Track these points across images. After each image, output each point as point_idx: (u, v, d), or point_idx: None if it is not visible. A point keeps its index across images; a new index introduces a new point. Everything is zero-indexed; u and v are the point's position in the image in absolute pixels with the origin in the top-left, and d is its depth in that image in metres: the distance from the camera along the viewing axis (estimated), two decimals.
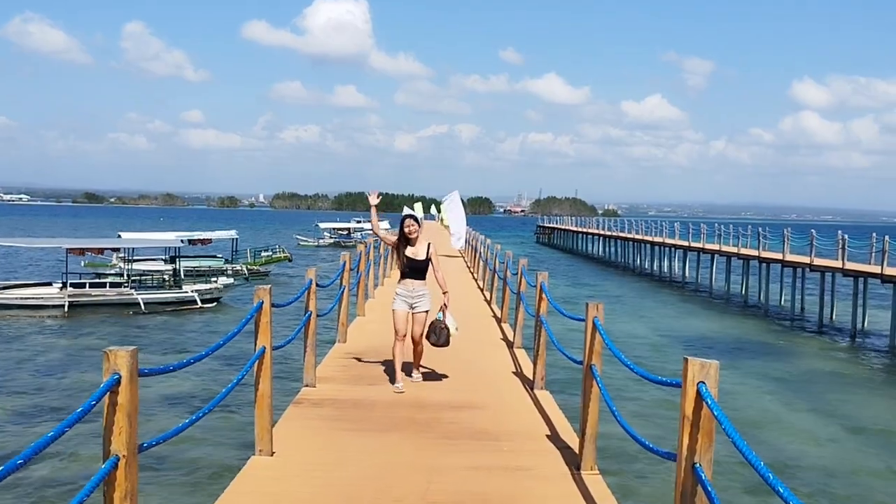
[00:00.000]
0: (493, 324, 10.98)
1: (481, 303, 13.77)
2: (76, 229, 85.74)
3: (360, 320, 10.67)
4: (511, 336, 9.42)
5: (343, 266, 8.65)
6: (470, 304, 13.34)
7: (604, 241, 58.49)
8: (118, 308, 25.20)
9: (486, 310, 12.64)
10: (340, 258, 8.82)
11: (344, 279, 8.77)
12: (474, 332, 10.13)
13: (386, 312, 9.93)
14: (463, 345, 8.93)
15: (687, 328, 24.38)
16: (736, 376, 17.25)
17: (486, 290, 15.30)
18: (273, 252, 39.38)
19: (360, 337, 9.22)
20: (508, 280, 10.88)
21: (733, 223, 42.50)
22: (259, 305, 5.09)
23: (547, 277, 6.89)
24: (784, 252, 27.87)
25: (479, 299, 14.27)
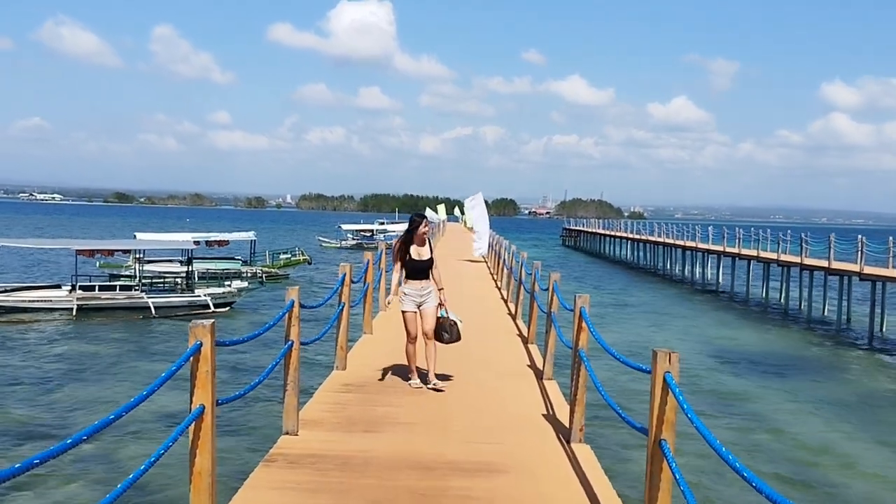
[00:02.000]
0: (517, 345, 9.61)
1: (505, 317, 12.41)
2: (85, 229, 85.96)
3: (367, 340, 9.39)
4: (540, 363, 8.08)
5: (342, 280, 7.39)
6: (492, 318, 12.01)
7: (632, 244, 56.71)
8: (128, 312, 24.31)
9: (510, 326, 11.28)
10: (339, 269, 7.55)
11: (343, 294, 7.50)
12: (496, 354, 8.82)
13: (398, 329, 8.75)
14: (483, 373, 7.62)
15: (726, 340, 22.78)
16: (785, 398, 15.71)
17: (512, 301, 13.95)
18: (292, 254, 38.33)
19: (364, 362, 7.93)
20: (537, 294, 9.53)
21: (763, 227, 40.68)
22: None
23: (588, 302, 5.56)
24: (829, 259, 26.08)
25: (503, 313, 12.92)
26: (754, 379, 17.34)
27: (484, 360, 8.28)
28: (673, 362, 3.61)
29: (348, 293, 7.51)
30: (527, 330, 9.96)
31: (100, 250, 25.43)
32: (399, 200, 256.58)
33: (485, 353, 8.80)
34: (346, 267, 7.52)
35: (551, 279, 7.31)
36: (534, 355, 8.73)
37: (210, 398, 3.59)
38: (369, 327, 9.80)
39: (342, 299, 7.45)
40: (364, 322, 9.80)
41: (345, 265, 7.54)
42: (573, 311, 5.51)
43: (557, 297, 7.12)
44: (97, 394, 14.42)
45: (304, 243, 71.22)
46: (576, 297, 5.43)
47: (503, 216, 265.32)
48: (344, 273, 7.43)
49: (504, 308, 13.45)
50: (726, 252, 36.10)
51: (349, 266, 7.55)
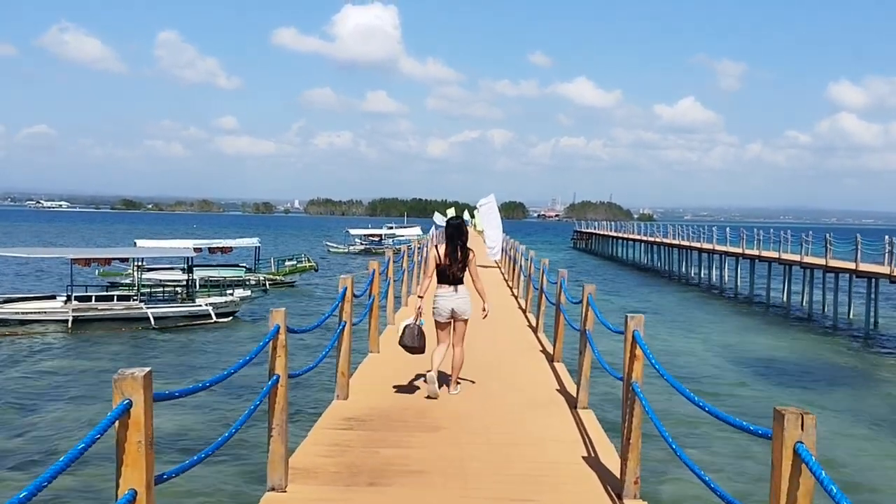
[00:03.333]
0: (542, 364, 8.48)
1: (524, 330, 11.36)
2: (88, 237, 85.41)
3: (372, 361, 8.36)
4: (571, 388, 7.03)
5: (342, 295, 6.37)
6: (512, 332, 10.91)
7: (646, 247, 55.51)
8: (126, 323, 23.41)
9: (532, 340, 10.20)
10: (339, 283, 6.52)
11: (344, 311, 6.47)
12: (520, 376, 7.78)
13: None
14: (507, 400, 6.58)
15: (750, 347, 21.64)
16: (820, 413, 14.59)
17: (531, 312, 12.91)
18: (297, 261, 37.35)
19: (369, 388, 6.91)
20: (563, 307, 8.49)
21: (772, 227, 39.51)
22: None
23: (643, 324, 4.52)
24: (857, 260, 24.89)
25: (522, 324, 11.87)
26: (790, 392, 16.21)
27: (507, 384, 7.26)
28: (807, 428, 2.62)
29: (350, 310, 6.49)
30: (552, 346, 8.91)
31: (96, 259, 24.55)
32: (407, 204, 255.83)
33: (507, 374, 7.77)
34: (346, 280, 6.50)
35: (585, 292, 6.27)
36: (562, 377, 7.67)
37: (143, 478, 2.54)
38: (375, 345, 8.76)
39: (343, 317, 6.43)
40: (370, 340, 8.77)
41: (345, 278, 6.52)
42: (623, 334, 4.48)
43: (594, 312, 6.08)
44: (85, 415, 13.47)
45: (312, 249, 70.43)
46: (627, 318, 4.40)
47: (512, 219, 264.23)
48: (345, 287, 6.41)
49: (523, 319, 12.39)
50: (745, 254, 34.91)
51: (350, 279, 6.53)
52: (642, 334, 4.36)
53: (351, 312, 6.51)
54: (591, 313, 6.26)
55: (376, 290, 8.52)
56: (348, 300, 6.45)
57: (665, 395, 12.66)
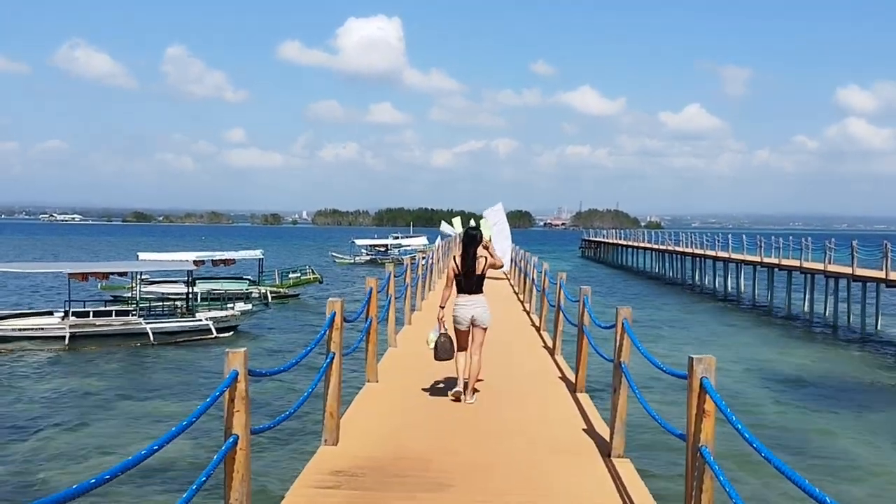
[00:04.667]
0: (564, 397, 7.49)
1: (540, 352, 10.35)
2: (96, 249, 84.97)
3: (370, 393, 7.38)
4: (602, 430, 6.03)
5: (329, 321, 5.39)
6: (527, 357, 9.81)
7: (656, 255, 54.36)
8: (125, 339, 22.57)
9: (549, 366, 9.16)
10: (327, 307, 5.54)
11: (333, 341, 5.49)
12: (542, 414, 6.78)
13: (407, 373, 6.79)
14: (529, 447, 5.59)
15: (780, 363, 20.51)
16: (861, 431, 13.52)
17: (546, 330, 11.90)
18: (302, 273, 36.45)
19: (364, 428, 5.94)
20: (587, 330, 7.50)
21: (783, 234, 38.37)
22: None
23: (714, 368, 3.54)
24: (886, 269, 23.72)
25: (537, 345, 10.86)
26: (824, 411, 15.12)
27: (525, 422, 6.26)
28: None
29: (339, 339, 5.53)
30: (573, 375, 7.91)
31: (93, 273, 23.71)
32: (414, 214, 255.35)
33: (524, 409, 6.79)
34: (335, 304, 5.51)
35: (620, 316, 5.30)
36: (589, 414, 6.65)
37: None
38: (373, 375, 7.79)
39: (331, 348, 5.48)
40: (367, 368, 7.79)
41: (334, 301, 5.54)
42: (687, 379, 3.49)
43: (633, 341, 5.11)
44: (80, 441, 12.58)
45: (318, 259, 69.58)
46: (692, 361, 3.42)
47: (518, 228, 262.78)
48: (333, 312, 5.46)
49: (536, 338, 11.37)
50: (764, 263, 33.72)
51: (340, 303, 5.54)
52: (713, 382, 3.40)
53: (341, 342, 5.55)
54: (627, 342, 5.30)
55: (374, 311, 7.56)
56: (337, 327, 5.49)
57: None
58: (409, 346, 10.05)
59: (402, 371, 8.45)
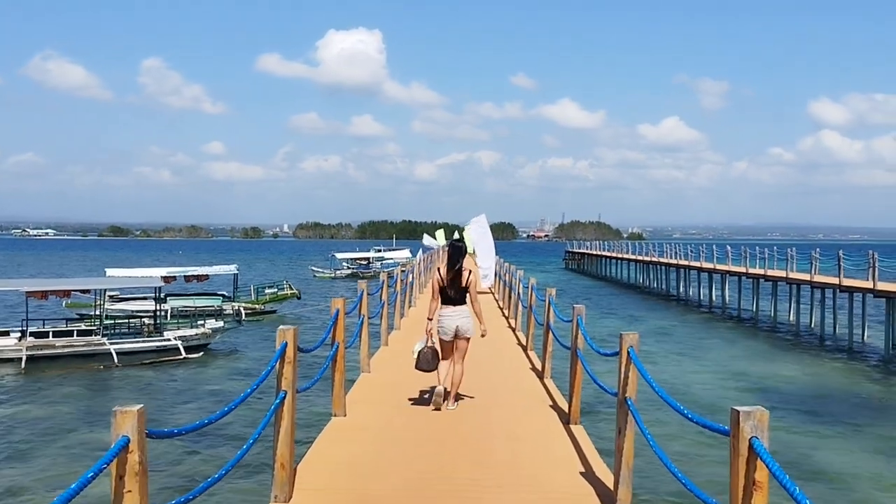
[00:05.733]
0: (557, 431, 6.58)
1: (528, 374, 9.48)
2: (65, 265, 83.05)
3: (335, 430, 6.43)
4: (601, 473, 5.17)
5: (280, 353, 4.46)
6: (515, 381, 8.95)
7: (642, 267, 53.84)
8: (87, 360, 21.39)
9: (539, 392, 8.25)
10: (277, 336, 4.62)
11: (284, 376, 4.56)
12: (532, 451, 5.91)
13: (381, 417, 5.95)
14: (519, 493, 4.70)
15: (767, 375, 19.83)
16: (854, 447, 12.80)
17: (533, 350, 11.03)
18: (279, 288, 35.32)
19: (325, 486, 5.01)
20: (581, 354, 6.62)
21: (762, 244, 37.97)
22: None
23: (766, 425, 2.69)
24: (873, 280, 23.18)
25: (525, 368, 9.98)
26: (822, 426, 14.39)
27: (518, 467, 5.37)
28: None
29: (292, 375, 4.60)
30: (566, 403, 7.02)
31: (53, 291, 22.52)
32: (397, 227, 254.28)
33: (516, 448, 5.89)
34: (287, 333, 4.60)
35: (625, 344, 4.45)
36: (586, 452, 5.77)
37: None
38: (341, 408, 6.83)
39: (282, 385, 4.55)
40: (333, 401, 6.84)
41: (285, 330, 4.61)
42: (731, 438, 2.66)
43: (642, 375, 4.26)
44: (23, 475, 11.49)
45: (298, 273, 68.28)
46: (738, 416, 2.60)
47: (502, 240, 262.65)
48: (284, 343, 4.54)
49: (524, 360, 10.47)
50: (749, 273, 33.18)
51: (292, 332, 4.62)
52: (766, 442, 2.53)
53: (293, 378, 4.64)
54: (634, 374, 4.44)
55: (341, 336, 6.64)
56: (289, 361, 4.58)
57: None
58: (385, 372, 9.13)
59: (376, 402, 7.52)
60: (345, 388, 6.88)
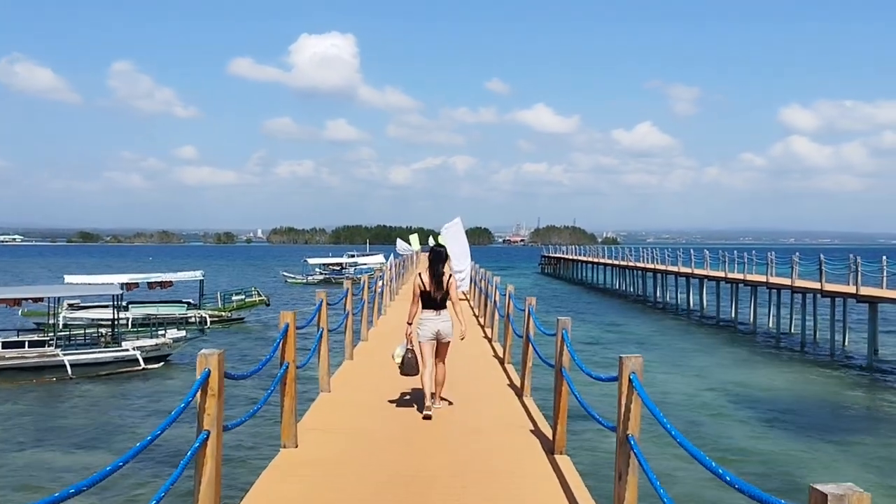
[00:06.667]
0: (539, 459, 5.84)
1: (505, 391, 8.63)
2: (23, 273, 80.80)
3: (286, 460, 5.56)
4: None
5: (201, 383, 3.56)
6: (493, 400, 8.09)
7: (616, 271, 53.41)
8: (40, 373, 20.16)
9: (519, 415, 7.38)
10: (199, 364, 3.73)
11: (206, 412, 3.66)
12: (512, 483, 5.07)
13: (342, 441, 5.19)
14: None
15: (750, 384, 19.22)
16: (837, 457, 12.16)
17: (510, 364, 10.17)
18: (247, 295, 34.13)
19: None
20: (566, 374, 5.78)
21: (735, 249, 37.68)
22: None
23: None
24: (857, 284, 22.74)
25: (502, 384, 9.12)
26: (811, 440, 13.74)
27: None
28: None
29: (217, 412, 3.70)
30: (550, 429, 6.17)
31: (2, 300, 21.22)
32: (371, 231, 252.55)
33: (493, 484, 5.04)
34: (210, 359, 3.71)
35: (625, 369, 3.63)
36: (573, 489, 4.94)
37: None
38: (290, 437, 5.91)
39: (204, 426, 3.64)
40: (282, 429, 5.90)
41: (207, 356, 3.72)
42: None
43: (646, 405, 3.44)
44: None
45: (270, 279, 66.86)
46: None
47: (478, 245, 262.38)
48: (206, 370, 3.63)
49: (501, 375, 9.59)
50: (728, 278, 32.74)
51: (216, 357, 3.73)
52: None
53: (219, 415, 3.73)
54: (637, 406, 3.62)
55: (291, 356, 5.73)
56: (213, 393, 3.69)
57: None
58: (349, 391, 8.22)
59: (334, 429, 6.61)
60: (297, 415, 5.96)
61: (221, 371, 3.79)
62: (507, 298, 10.53)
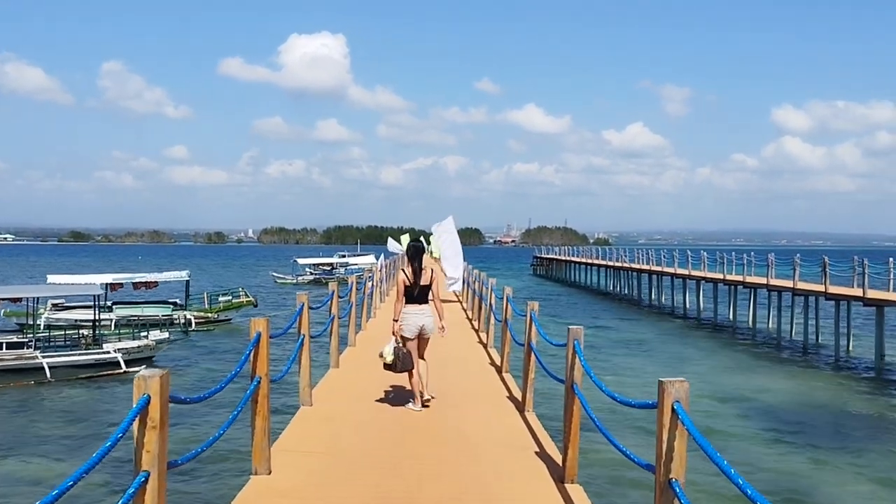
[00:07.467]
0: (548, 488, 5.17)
1: (503, 403, 7.93)
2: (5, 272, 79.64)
3: (257, 489, 4.84)
4: None
5: (138, 410, 2.86)
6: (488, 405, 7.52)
7: (610, 272, 52.79)
8: (17, 376, 19.33)
9: (518, 427, 6.75)
10: (136, 387, 3.02)
11: (145, 449, 2.93)
12: None
13: (321, 466, 4.53)
14: None
15: (753, 389, 18.57)
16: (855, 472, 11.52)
17: (507, 372, 9.45)
18: (234, 296, 33.31)
19: None
20: (578, 389, 5.07)
21: (726, 250, 37.19)
22: None
23: None
24: (864, 287, 22.11)
25: (501, 395, 8.41)
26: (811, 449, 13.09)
27: None
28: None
29: (158, 447, 2.97)
30: (559, 455, 5.45)
31: None
32: (363, 232, 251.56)
33: None
34: (150, 382, 2.97)
35: (668, 396, 2.92)
36: None
37: None
38: (263, 461, 5.17)
39: (141, 462, 2.91)
40: (253, 453, 5.17)
41: (146, 379, 2.99)
42: None
43: (700, 443, 2.73)
44: None
45: (259, 279, 65.93)
46: None
47: (469, 245, 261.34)
48: (144, 397, 2.89)
49: (499, 386, 8.86)
50: (727, 280, 32.12)
51: (158, 381, 3.00)
52: None
53: (161, 451, 3.02)
54: (682, 444, 2.92)
55: (263, 370, 4.99)
56: (154, 426, 2.97)
57: None
58: (332, 404, 7.47)
59: (314, 451, 5.88)
60: (270, 436, 5.22)
61: (165, 396, 3.06)
62: (504, 302, 9.80)
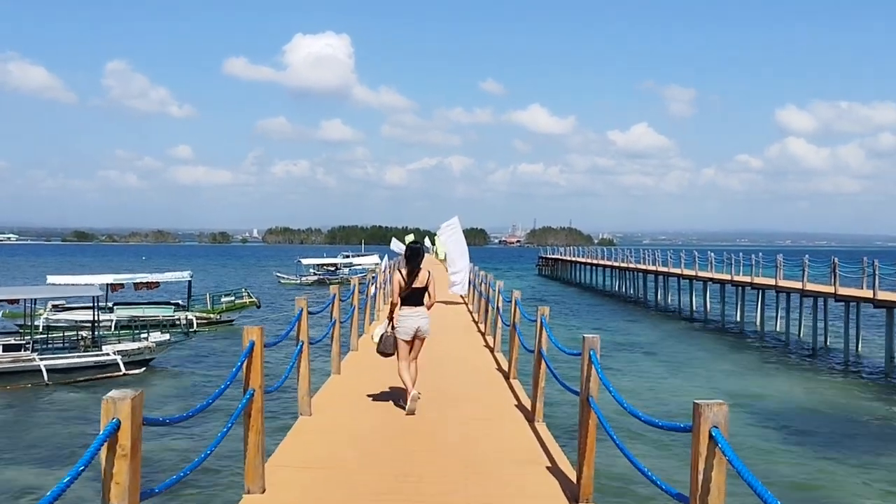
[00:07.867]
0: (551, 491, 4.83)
1: (513, 412, 7.59)
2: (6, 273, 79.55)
3: None
4: None
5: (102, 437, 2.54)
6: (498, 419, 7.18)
7: (616, 273, 52.36)
8: (14, 378, 19.05)
9: (528, 439, 6.41)
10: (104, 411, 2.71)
11: (115, 481, 2.61)
12: None
13: (318, 483, 4.22)
14: None
15: (763, 394, 18.18)
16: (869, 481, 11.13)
17: (515, 378, 9.10)
18: (237, 296, 33.02)
19: None
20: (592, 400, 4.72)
21: (730, 251, 36.80)
22: None
23: None
24: (875, 288, 21.70)
25: (509, 403, 8.07)
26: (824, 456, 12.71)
27: None
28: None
29: (128, 476, 2.64)
30: (574, 472, 5.12)
31: None
32: (367, 232, 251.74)
33: None
34: (120, 405, 2.64)
35: (705, 421, 2.57)
36: None
37: None
38: (256, 479, 4.83)
39: (109, 498, 2.57)
40: (246, 470, 4.84)
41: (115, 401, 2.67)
42: None
43: (742, 474, 2.38)
44: None
45: (263, 280, 65.69)
46: None
47: (474, 246, 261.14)
48: (113, 422, 2.58)
49: (508, 393, 8.52)
50: (734, 281, 31.71)
51: (128, 403, 2.66)
52: None
53: (133, 482, 2.68)
54: (721, 474, 2.57)
55: (257, 382, 4.65)
56: (124, 454, 2.63)
57: None
58: (331, 415, 7.13)
59: (312, 467, 5.54)
60: (264, 452, 4.88)
61: (138, 420, 2.71)
62: (512, 305, 9.45)
